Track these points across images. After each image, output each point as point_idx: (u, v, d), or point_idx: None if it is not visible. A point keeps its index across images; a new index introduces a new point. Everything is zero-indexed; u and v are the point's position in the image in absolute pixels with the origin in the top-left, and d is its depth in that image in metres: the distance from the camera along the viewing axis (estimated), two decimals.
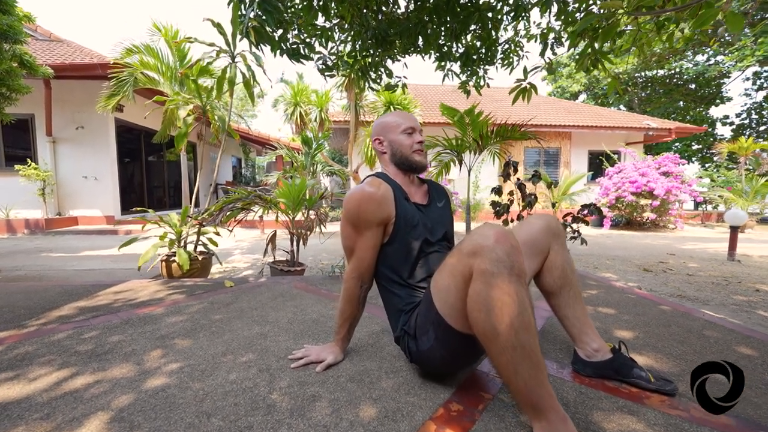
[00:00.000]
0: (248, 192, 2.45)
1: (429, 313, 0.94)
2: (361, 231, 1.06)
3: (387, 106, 7.67)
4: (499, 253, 0.77)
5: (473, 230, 0.85)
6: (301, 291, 2.00)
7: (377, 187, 1.05)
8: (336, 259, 3.89)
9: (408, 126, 1.15)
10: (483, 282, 0.77)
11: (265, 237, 5.92)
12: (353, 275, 1.10)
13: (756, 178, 7.90)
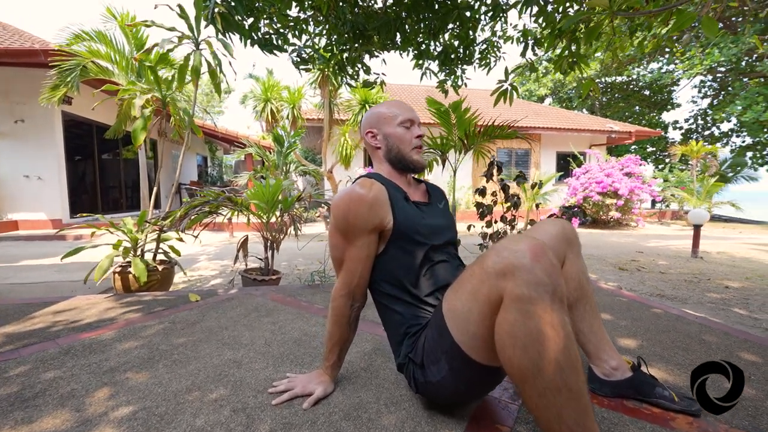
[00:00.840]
0: (216, 193, 2.21)
1: (441, 340, 0.80)
2: (351, 239, 0.91)
3: (362, 104, 7.51)
4: (538, 274, 0.63)
5: (499, 242, 0.72)
6: (278, 304, 1.81)
7: (368, 188, 0.91)
8: (312, 263, 3.68)
9: (406, 117, 1.00)
10: (519, 311, 0.63)
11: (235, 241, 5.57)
12: (342, 292, 0.95)
13: (707, 178, 8.50)
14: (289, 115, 7.38)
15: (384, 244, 0.94)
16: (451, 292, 0.80)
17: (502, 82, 3.61)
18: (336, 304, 0.96)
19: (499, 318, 0.67)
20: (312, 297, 1.94)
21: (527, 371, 0.63)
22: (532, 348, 0.62)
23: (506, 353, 0.65)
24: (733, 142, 14.87)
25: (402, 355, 0.92)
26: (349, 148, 7.81)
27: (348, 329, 0.98)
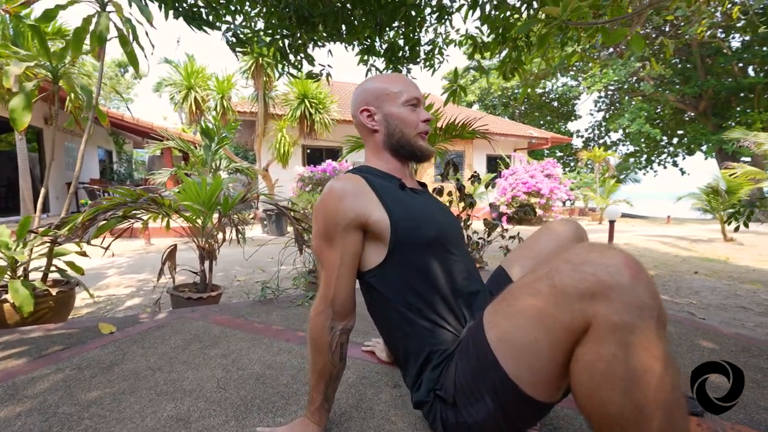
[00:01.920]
0: (135, 193, 1.76)
1: (486, 374, 0.64)
2: (332, 239, 0.75)
3: (301, 98, 7.08)
4: (641, 295, 0.50)
5: (573, 252, 0.57)
6: (226, 328, 1.49)
7: (348, 179, 0.77)
8: (254, 273, 3.28)
9: (412, 96, 0.84)
10: (618, 343, 0.50)
11: (153, 249, 4.76)
12: (318, 309, 0.76)
13: (608, 180, 9.88)
14: (218, 106, 6.62)
15: (383, 250, 0.76)
16: (500, 314, 0.65)
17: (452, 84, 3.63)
18: (312, 325, 0.77)
19: (587, 352, 0.53)
20: (267, 316, 1.65)
21: (628, 419, 0.50)
22: (637, 390, 0.49)
23: (599, 397, 0.52)
24: (620, 150, 17.63)
25: (423, 391, 0.75)
26: (287, 145, 7.32)
27: (331, 357, 0.77)
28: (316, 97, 7.11)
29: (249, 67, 6.55)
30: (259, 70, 6.61)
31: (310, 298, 1.86)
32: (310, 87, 7.06)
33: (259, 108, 7.13)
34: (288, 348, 1.30)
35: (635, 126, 12.49)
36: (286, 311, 1.71)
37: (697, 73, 12.18)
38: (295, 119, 7.10)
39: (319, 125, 7.26)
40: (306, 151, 9.12)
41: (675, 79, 12.70)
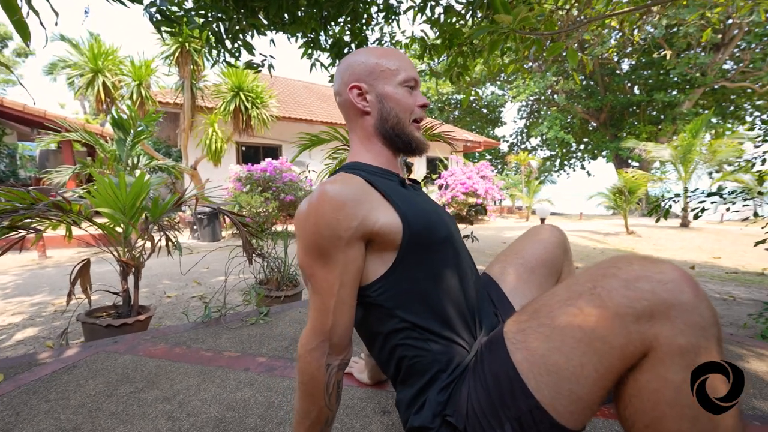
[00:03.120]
0: (28, 197, 1.36)
1: (511, 402, 0.56)
2: (328, 257, 0.61)
3: (235, 91, 6.51)
4: (704, 313, 0.46)
5: (615, 270, 0.51)
6: (164, 361, 1.22)
7: (344, 180, 0.63)
8: (187, 286, 2.88)
9: (411, 76, 0.72)
10: (686, 367, 0.45)
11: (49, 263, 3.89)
12: (312, 343, 0.62)
13: (532, 181, 10.90)
14: (134, 94, 5.76)
15: (389, 258, 0.64)
16: (529, 335, 0.56)
17: None
18: (303, 365, 0.63)
19: (651, 379, 0.47)
20: (215, 341, 1.40)
21: None
22: (705, 418, 0.46)
23: (665, 427, 0.47)
24: (539, 154, 19.68)
25: (427, 414, 0.63)
26: (220, 141, 6.67)
27: (328, 401, 0.64)
28: (252, 91, 6.59)
29: (173, 53, 5.81)
30: (185, 57, 5.91)
31: (265, 315, 1.65)
32: (245, 79, 6.53)
33: (185, 99, 6.38)
34: (249, 379, 1.10)
35: (552, 133, 14.03)
36: (238, 333, 1.48)
37: (599, 89, 14.12)
38: (229, 113, 6.50)
39: (256, 121, 6.75)
40: (241, 148, 8.45)
41: (582, 93, 14.55)
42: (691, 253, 4.54)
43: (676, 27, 10.70)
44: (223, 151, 6.89)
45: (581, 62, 12.10)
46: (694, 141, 7.31)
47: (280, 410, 0.94)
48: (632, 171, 7.16)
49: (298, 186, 5.96)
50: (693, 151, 7.29)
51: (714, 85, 11.98)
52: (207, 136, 6.62)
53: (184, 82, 6.21)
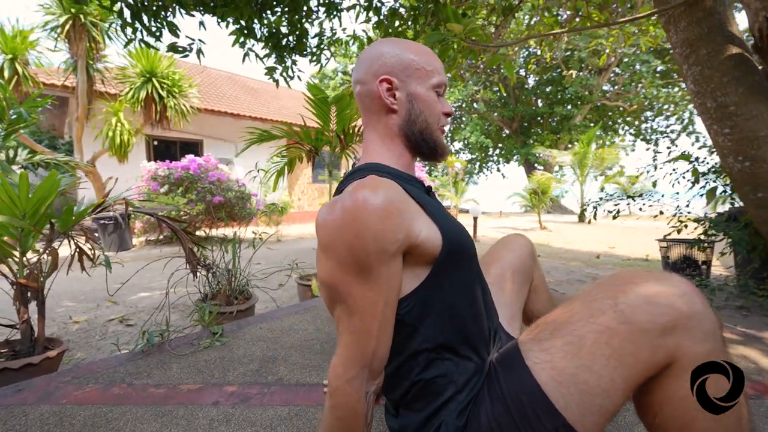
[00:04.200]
0: None
1: (536, 422, 0.55)
2: (370, 273, 0.53)
3: (146, 77, 5.66)
4: (713, 320, 0.51)
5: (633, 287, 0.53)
6: (102, 407, 0.98)
7: (386, 186, 0.55)
8: (98, 306, 2.40)
9: (443, 81, 0.67)
10: None
11: None
12: (352, 371, 0.54)
13: (459, 182, 11.71)
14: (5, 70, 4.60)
15: (422, 272, 0.59)
16: (553, 353, 0.56)
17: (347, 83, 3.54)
18: (342, 398, 0.54)
19: (678, 388, 0.51)
20: (165, 373, 1.17)
21: None
22: (729, 414, 0.51)
23: (695, 429, 0.51)
24: (462, 157, 21.25)
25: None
26: (126, 134, 5.73)
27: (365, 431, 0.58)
28: (168, 78, 5.81)
29: (62, 24, 4.79)
30: (79, 31, 4.92)
31: (220, 335, 1.45)
32: (159, 64, 5.72)
33: (78, 82, 5.32)
34: (223, 416, 0.94)
35: (474, 137, 15.27)
36: (192, 360, 1.27)
37: (511, 100, 15.80)
38: (139, 102, 5.63)
39: (173, 112, 5.98)
40: (153, 143, 7.37)
41: (497, 103, 16.13)
42: (594, 245, 5.34)
43: (572, 51, 12.55)
44: (131, 146, 5.95)
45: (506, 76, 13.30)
46: (588, 149, 8.64)
47: None
48: (540, 174, 8.18)
49: (227, 186, 5.44)
50: (587, 158, 8.62)
51: (597, 103, 14.34)
52: (109, 127, 5.64)
53: (77, 61, 5.17)
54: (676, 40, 1.93)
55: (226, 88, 9.52)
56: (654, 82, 12.33)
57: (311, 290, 2.05)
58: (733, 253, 2.19)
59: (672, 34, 1.96)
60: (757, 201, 1.74)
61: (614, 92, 14.29)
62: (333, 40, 4.00)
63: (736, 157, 1.76)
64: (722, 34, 1.78)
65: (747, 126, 1.70)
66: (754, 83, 1.70)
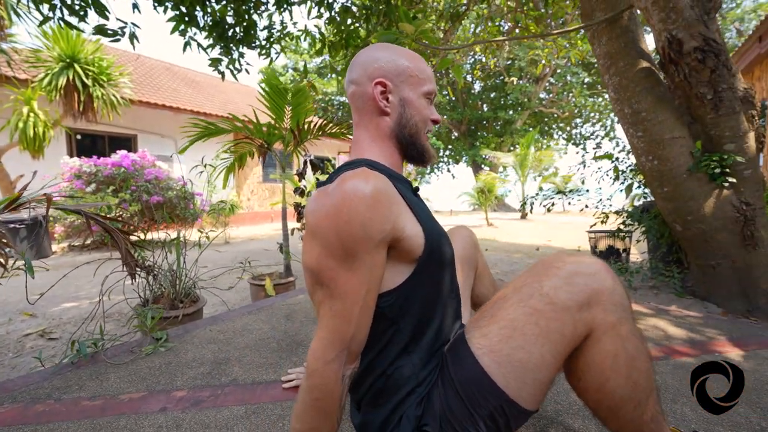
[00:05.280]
0: None
1: (483, 401, 0.61)
2: (355, 259, 0.55)
3: (65, 61, 5.03)
4: (621, 293, 0.59)
5: (556, 271, 0.60)
6: (25, 427, 0.86)
7: (377, 178, 0.57)
8: (11, 321, 2.09)
9: (433, 89, 0.70)
10: (615, 338, 0.58)
11: None
12: (332, 353, 0.56)
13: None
14: None
15: (405, 269, 0.62)
16: (492, 338, 0.62)
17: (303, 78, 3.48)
18: (321, 378, 0.56)
19: (595, 353, 0.59)
20: (102, 384, 1.06)
21: (628, 394, 0.59)
22: (634, 369, 0.59)
23: (609, 388, 0.59)
24: None
25: (406, 430, 0.64)
26: (42, 126, 5.04)
27: (340, 416, 0.59)
28: (94, 64, 5.22)
29: None
30: None
31: (165, 341, 1.34)
32: (81, 48, 5.11)
33: None
34: (172, 422, 0.88)
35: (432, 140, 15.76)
36: (132, 368, 1.16)
37: (459, 104, 16.55)
38: (57, 90, 4.98)
39: (100, 103, 5.38)
40: (75, 137, 6.55)
41: (447, 106, 16.80)
42: (534, 239, 5.81)
43: (513, 61, 13.48)
44: (47, 140, 5.24)
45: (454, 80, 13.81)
46: (527, 151, 9.36)
47: None
48: (486, 174, 8.69)
49: (167, 184, 5.02)
50: (527, 159, 9.33)
51: (535, 109, 15.56)
52: (19, 118, 4.91)
53: None
54: (599, 53, 2.18)
55: (164, 80, 8.78)
56: (582, 92, 13.70)
57: (265, 290, 1.98)
58: (647, 241, 2.52)
59: (596, 48, 2.21)
60: (664, 194, 2.03)
61: (549, 100, 15.62)
62: (284, 34, 3.89)
63: (647, 157, 2.04)
64: (635, 49, 2.04)
65: (655, 130, 1.97)
66: (660, 93, 1.98)
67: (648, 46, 2.13)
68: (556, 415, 0.89)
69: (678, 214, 2.00)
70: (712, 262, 1.95)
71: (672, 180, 1.96)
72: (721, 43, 1.73)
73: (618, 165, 2.50)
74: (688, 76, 1.79)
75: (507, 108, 16.24)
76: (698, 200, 1.90)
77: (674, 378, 1.07)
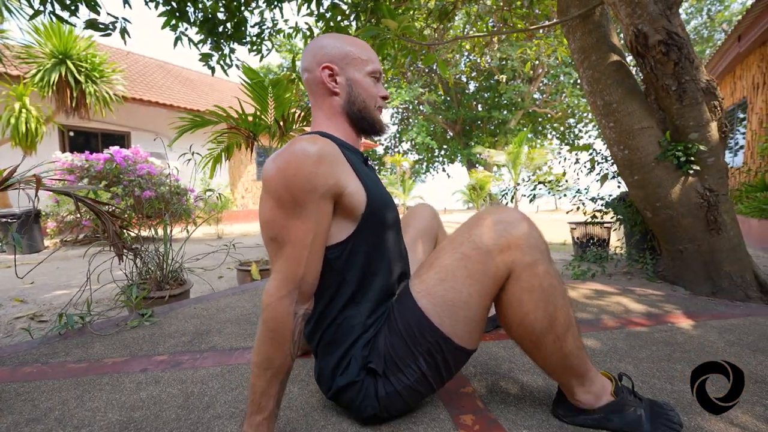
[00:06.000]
0: None
1: (421, 339, 0.69)
2: (296, 211, 0.63)
3: (59, 58, 5.06)
4: (537, 237, 0.67)
5: (482, 222, 0.68)
6: (11, 384, 0.92)
7: (323, 141, 0.66)
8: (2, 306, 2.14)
9: (377, 69, 0.80)
10: (532, 275, 0.66)
11: None
12: (282, 291, 0.63)
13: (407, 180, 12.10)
14: None
15: (348, 226, 0.71)
16: (429, 283, 0.70)
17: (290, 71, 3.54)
18: (273, 313, 0.63)
19: (514, 290, 0.67)
20: (87, 351, 1.13)
21: (546, 326, 0.67)
22: (550, 303, 0.67)
23: (528, 320, 0.67)
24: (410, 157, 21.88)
25: (353, 370, 0.71)
26: (34, 122, 5.07)
27: (292, 350, 0.66)
28: (86, 60, 5.25)
29: None
30: None
31: (149, 317, 1.41)
32: (74, 44, 5.15)
33: None
34: (151, 379, 0.95)
35: (420, 138, 15.84)
36: (118, 338, 1.22)
37: (454, 104, 16.67)
38: (50, 86, 5.02)
39: (93, 100, 5.41)
40: (68, 134, 6.57)
41: (442, 106, 16.92)
42: None
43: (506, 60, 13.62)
44: (40, 136, 5.27)
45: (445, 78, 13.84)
46: (520, 150, 9.49)
47: (204, 396, 0.86)
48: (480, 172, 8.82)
49: (159, 180, 5.06)
50: (519, 158, 9.47)
51: (529, 109, 15.72)
52: (12, 113, 4.94)
53: None
54: (574, 47, 2.27)
55: (157, 77, 8.80)
56: (574, 92, 13.86)
57: (251, 275, 2.05)
58: (623, 229, 2.61)
59: (571, 43, 2.29)
60: (635, 182, 2.12)
61: (543, 100, 15.78)
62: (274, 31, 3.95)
63: (619, 146, 2.13)
64: (607, 43, 2.13)
65: (625, 120, 2.06)
66: (630, 85, 2.07)
67: (619, 41, 2.22)
68: (509, 372, 0.97)
69: (648, 201, 2.09)
70: (679, 247, 2.04)
71: (641, 168, 2.04)
72: (684, 37, 1.82)
73: (595, 156, 2.59)
74: (654, 68, 1.88)
75: (501, 108, 16.39)
76: (666, 187, 1.99)
77: (625, 343, 1.15)
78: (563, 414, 0.75)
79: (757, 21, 4.19)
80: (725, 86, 6.00)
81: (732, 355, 1.05)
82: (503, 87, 14.14)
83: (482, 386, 0.90)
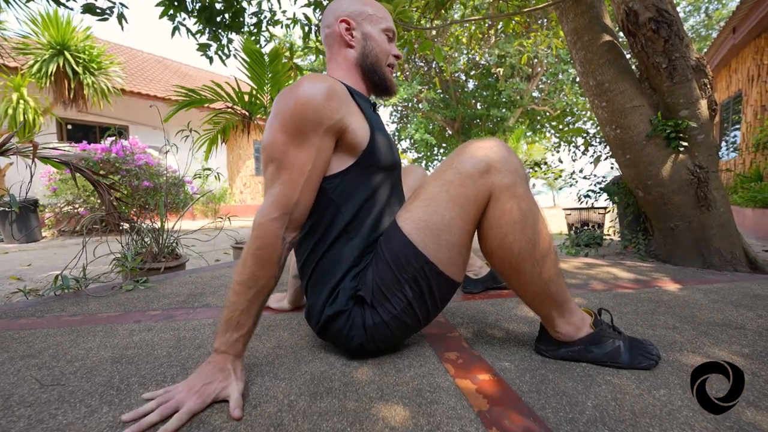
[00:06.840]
0: None
1: (406, 265, 0.70)
2: (299, 140, 0.66)
3: (57, 49, 5.06)
4: (514, 162, 0.70)
5: (464, 150, 0.71)
6: (6, 332, 0.94)
7: (333, 81, 0.70)
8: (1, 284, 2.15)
9: (391, 27, 0.85)
10: (511, 197, 0.67)
11: None
12: (274, 214, 0.65)
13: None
14: None
15: (348, 160, 0.73)
16: (413, 211, 0.72)
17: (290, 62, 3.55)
18: (261, 232, 0.65)
19: (494, 212, 0.69)
20: (83, 307, 1.14)
21: (526, 250, 0.69)
22: (529, 226, 0.69)
23: (507, 242, 0.69)
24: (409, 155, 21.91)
25: (341, 300, 0.72)
26: (32, 113, 5.07)
27: (276, 272, 0.68)
28: (84, 52, 5.26)
29: None
30: None
31: (144, 282, 1.42)
32: (72, 35, 5.16)
33: None
34: (144, 328, 0.97)
35: (419, 135, 15.89)
36: (113, 299, 1.24)
37: (453, 102, 16.71)
38: (47, 77, 5.02)
39: (91, 92, 5.42)
40: (66, 126, 6.57)
41: (440, 104, 16.96)
42: None
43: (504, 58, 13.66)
44: (38, 127, 5.28)
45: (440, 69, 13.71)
46: (517, 146, 9.52)
47: (195, 339, 0.88)
48: None
49: (157, 171, 5.07)
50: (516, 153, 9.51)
51: (528, 107, 15.76)
52: (9, 104, 4.94)
53: None
54: (567, 29, 2.29)
55: (156, 72, 8.82)
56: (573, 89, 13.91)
57: None
58: (616, 210, 2.64)
59: (564, 25, 2.32)
60: (626, 161, 2.14)
61: (542, 98, 15.83)
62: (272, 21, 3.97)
63: (611, 126, 2.15)
64: (599, 24, 2.15)
65: (617, 100, 2.08)
66: (622, 65, 2.09)
67: (611, 22, 2.24)
68: (495, 322, 0.99)
69: (640, 179, 2.11)
70: (671, 225, 2.07)
71: (633, 147, 2.07)
72: (673, 14, 1.84)
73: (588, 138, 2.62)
74: (645, 46, 1.90)
75: (500, 106, 16.43)
76: (657, 165, 2.01)
77: (611, 301, 1.17)
78: (545, 349, 0.77)
79: (751, 12, 4.21)
80: (721, 80, 6.03)
81: (714, 310, 1.07)
82: (502, 85, 14.19)
83: (468, 332, 0.92)
